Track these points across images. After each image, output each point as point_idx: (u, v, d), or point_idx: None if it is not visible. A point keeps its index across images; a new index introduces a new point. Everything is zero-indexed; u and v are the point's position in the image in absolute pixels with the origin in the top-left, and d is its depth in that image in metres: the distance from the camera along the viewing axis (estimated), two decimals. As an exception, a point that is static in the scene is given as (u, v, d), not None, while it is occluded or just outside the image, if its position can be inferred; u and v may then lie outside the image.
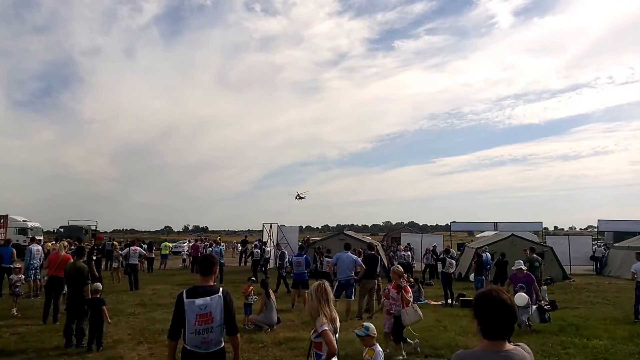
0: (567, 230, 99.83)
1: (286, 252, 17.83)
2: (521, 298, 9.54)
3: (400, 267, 8.81)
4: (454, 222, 33.19)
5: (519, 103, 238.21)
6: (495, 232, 28.22)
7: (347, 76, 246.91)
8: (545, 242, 25.89)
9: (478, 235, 35.35)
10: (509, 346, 2.19)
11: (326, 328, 3.81)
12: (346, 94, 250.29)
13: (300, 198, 58.48)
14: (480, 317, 2.22)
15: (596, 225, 33.30)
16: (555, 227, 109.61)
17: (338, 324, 3.94)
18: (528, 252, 14.26)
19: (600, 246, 28.53)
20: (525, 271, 10.62)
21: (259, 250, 21.10)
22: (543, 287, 13.58)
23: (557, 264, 21.19)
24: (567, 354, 7.99)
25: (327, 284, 4.09)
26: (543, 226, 32.20)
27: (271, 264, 23.05)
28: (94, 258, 12.13)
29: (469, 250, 23.52)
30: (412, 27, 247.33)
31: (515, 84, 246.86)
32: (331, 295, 3.98)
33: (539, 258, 13.59)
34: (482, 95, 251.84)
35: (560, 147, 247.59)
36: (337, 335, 3.90)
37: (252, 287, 11.03)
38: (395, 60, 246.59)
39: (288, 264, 15.52)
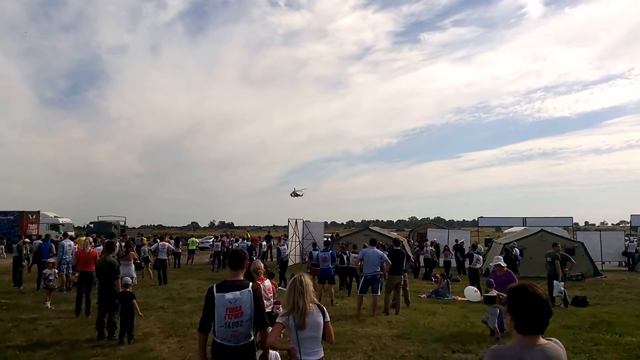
0: (599, 226, 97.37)
1: (281, 248, 18.12)
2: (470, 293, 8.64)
3: (259, 262, 7.52)
4: (482, 217, 32.74)
5: (549, 95, 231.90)
6: (523, 228, 27.72)
7: (372, 70, 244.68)
8: (575, 238, 25.33)
9: (506, 231, 34.70)
10: (543, 341, 2.21)
11: (278, 321, 3.84)
12: (371, 89, 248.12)
13: (297, 195, 57.46)
14: (515, 311, 2.22)
15: (629, 221, 32.45)
16: (586, 223, 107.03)
17: (314, 317, 3.83)
18: (559, 247, 13.95)
19: (633, 242, 27.79)
20: (505, 269, 9.66)
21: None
22: (559, 283, 13.18)
23: (588, 260, 20.71)
24: (598, 351, 7.83)
25: (305, 276, 4.03)
26: (573, 221, 31.51)
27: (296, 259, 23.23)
28: (254, 258, 12.55)
29: (497, 245, 23.18)
30: (438, 18, 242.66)
31: (546, 75, 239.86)
32: (309, 288, 3.91)
33: (555, 253, 13.24)
34: (510, 87, 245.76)
35: (592, 141, 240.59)
36: (310, 320, 3.79)
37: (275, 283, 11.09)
38: (421, 54, 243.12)
39: (315, 259, 15.62)
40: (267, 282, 7.12)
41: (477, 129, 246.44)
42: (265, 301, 6.48)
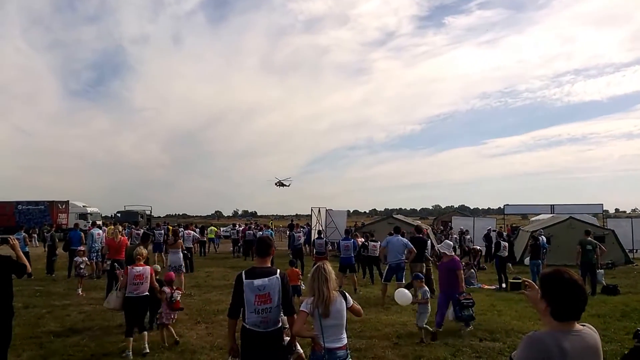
0: (630, 213, 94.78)
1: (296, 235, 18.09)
2: (401, 294, 7.27)
3: (141, 249, 7.51)
4: (508, 205, 32.22)
5: (579, 79, 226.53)
6: (551, 215, 27.19)
7: (395, 56, 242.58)
8: (606, 225, 24.75)
9: (533, 219, 34.10)
10: (578, 326, 2.17)
11: (303, 309, 3.83)
12: (394, 75, 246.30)
13: (282, 185, 55.07)
14: (551, 297, 2.18)
15: (662, 207, 31.59)
16: (617, 210, 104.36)
17: (338, 305, 3.82)
18: (592, 235, 13.68)
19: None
20: (452, 256, 8.62)
21: (251, 232, 23.53)
22: (600, 270, 12.94)
23: (619, 248, 20.24)
24: (630, 340, 7.65)
25: (328, 264, 4.02)
26: (603, 208, 30.78)
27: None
28: (427, 252, 12.45)
29: (524, 233, 22.84)
30: (463, 1, 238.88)
31: (575, 58, 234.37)
32: (332, 276, 3.90)
33: (593, 241, 12.98)
34: (538, 71, 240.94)
35: (624, 125, 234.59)
36: (332, 307, 3.78)
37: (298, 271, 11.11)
38: (445, 38, 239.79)
39: (336, 248, 15.67)
40: (138, 268, 7.09)
41: (504, 115, 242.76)
42: (131, 285, 6.87)
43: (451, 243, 9.26)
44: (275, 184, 55.67)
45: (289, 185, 55.74)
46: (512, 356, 2.48)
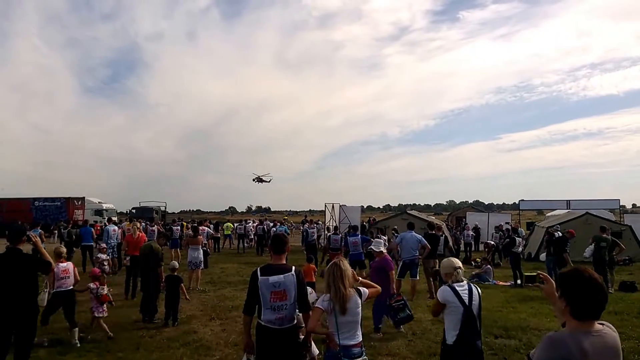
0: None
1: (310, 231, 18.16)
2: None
3: (61, 247, 7.96)
4: (523, 200, 31.88)
5: (595, 73, 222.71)
6: (567, 211, 26.82)
7: (409, 51, 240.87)
8: (623, 221, 24.35)
9: (549, 214, 33.66)
10: (598, 326, 2.13)
11: (318, 305, 3.83)
12: (408, 70, 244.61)
13: (261, 181, 51.54)
14: (570, 296, 2.14)
15: (681, 203, 31.01)
16: (634, 205, 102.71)
17: (354, 302, 3.82)
18: (609, 231, 13.47)
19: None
20: (383, 254, 8.05)
21: (261, 227, 24.72)
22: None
23: (636, 244, 19.90)
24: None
25: (344, 261, 3.99)
26: (620, 204, 30.30)
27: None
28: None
29: (539, 229, 22.57)
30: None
31: (591, 52, 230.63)
32: (348, 272, 3.86)
33: (608, 238, 12.78)
34: (554, 65, 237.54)
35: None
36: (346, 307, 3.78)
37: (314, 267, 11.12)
38: (459, 32, 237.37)
39: (334, 243, 15.60)
40: (63, 264, 7.40)
41: (519, 109, 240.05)
42: (58, 281, 7.23)
43: (381, 241, 8.41)
44: (253, 179, 51.91)
45: (269, 181, 52.23)
46: (530, 355, 2.45)
